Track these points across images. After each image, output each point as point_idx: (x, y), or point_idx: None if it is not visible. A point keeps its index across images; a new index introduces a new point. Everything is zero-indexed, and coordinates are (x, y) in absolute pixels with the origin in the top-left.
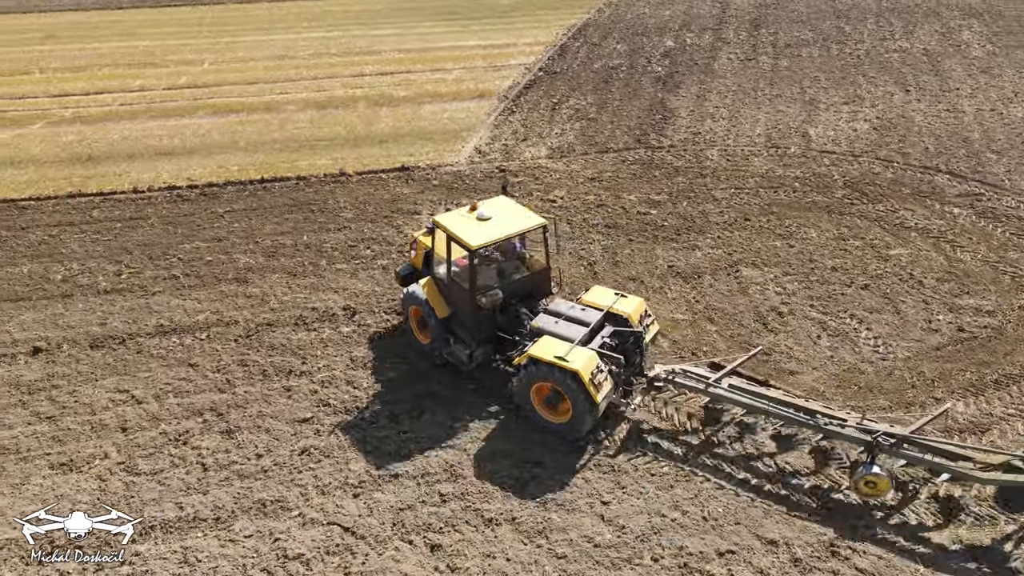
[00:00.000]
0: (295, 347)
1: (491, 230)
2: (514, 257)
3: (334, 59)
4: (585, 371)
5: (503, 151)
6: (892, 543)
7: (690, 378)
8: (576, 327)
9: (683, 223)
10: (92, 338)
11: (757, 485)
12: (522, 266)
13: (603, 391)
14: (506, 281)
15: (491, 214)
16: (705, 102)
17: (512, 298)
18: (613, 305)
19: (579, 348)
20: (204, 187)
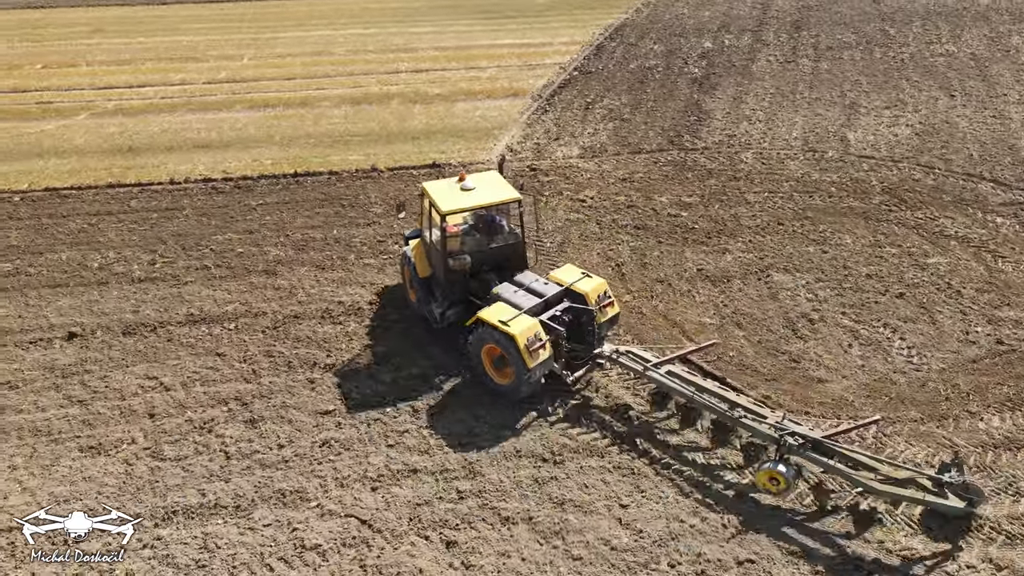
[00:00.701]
0: (320, 340)
1: (466, 199)
2: (492, 228)
3: (370, 56)
4: (521, 337)
5: (535, 150)
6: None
7: (634, 360)
8: (531, 297)
9: (714, 226)
10: (125, 325)
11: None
12: (497, 238)
13: (538, 359)
14: (478, 249)
15: (474, 185)
16: (741, 104)
17: (484, 266)
18: (574, 283)
19: (524, 316)
20: (238, 180)
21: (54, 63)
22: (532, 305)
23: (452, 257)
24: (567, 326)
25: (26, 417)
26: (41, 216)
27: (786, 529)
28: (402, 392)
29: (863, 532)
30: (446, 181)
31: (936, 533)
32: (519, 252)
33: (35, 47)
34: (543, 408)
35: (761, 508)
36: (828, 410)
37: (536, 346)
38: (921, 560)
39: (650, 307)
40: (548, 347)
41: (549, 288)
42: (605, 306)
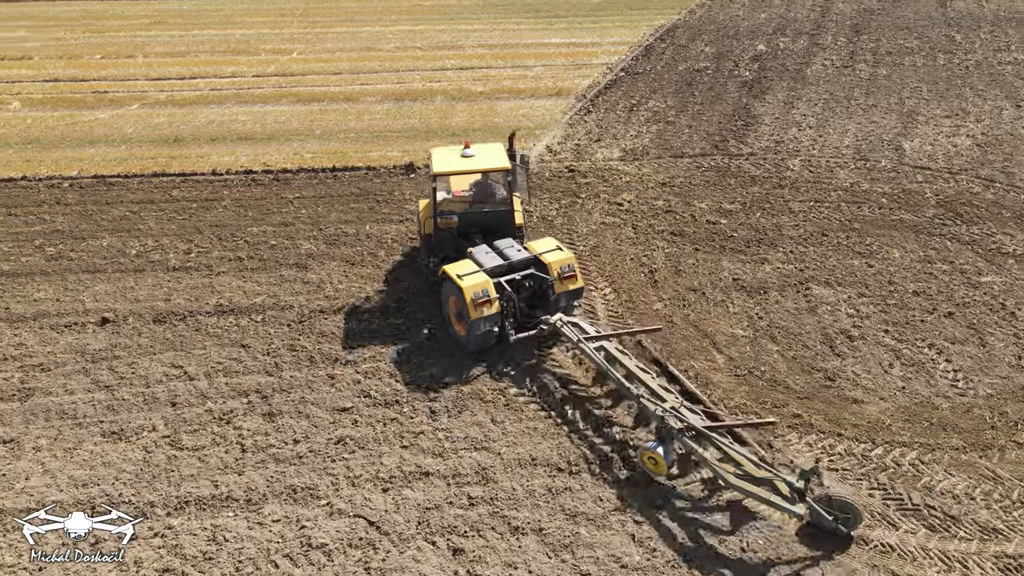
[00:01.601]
0: (344, 335)
1: (459, 163)
2: (484, 194)
3: (417, 52)
4: (469, 290)
5: (574, 151)
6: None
7: (574, 330)
8: (497, 260)
9: (754, 235)
10: (156, 313)
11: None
12: (488, 203)
13: (482, 313)
14: (468, 212)
15: (474, 153)
16: (792, 109)
17: (474, 227)
18: (541, 253)
19: (480, 273)
20: (278, 172)
21: (112, 53)
22: (494, 266)
23: (441, 215)
24: (530, 293)
25: (54, 400)
26: (87, 202)
27: (806, 552)
28: (421, 393)
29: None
30: (451, 148)
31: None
32: (507, 219)
33: (96, 38)
34: (495, 368)
35: (782, 533)
36: (862, 433)
37: (481, 300)
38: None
39: (681, 316)
40: (495, 305)
41: (519, 255)
42: (566, 278)
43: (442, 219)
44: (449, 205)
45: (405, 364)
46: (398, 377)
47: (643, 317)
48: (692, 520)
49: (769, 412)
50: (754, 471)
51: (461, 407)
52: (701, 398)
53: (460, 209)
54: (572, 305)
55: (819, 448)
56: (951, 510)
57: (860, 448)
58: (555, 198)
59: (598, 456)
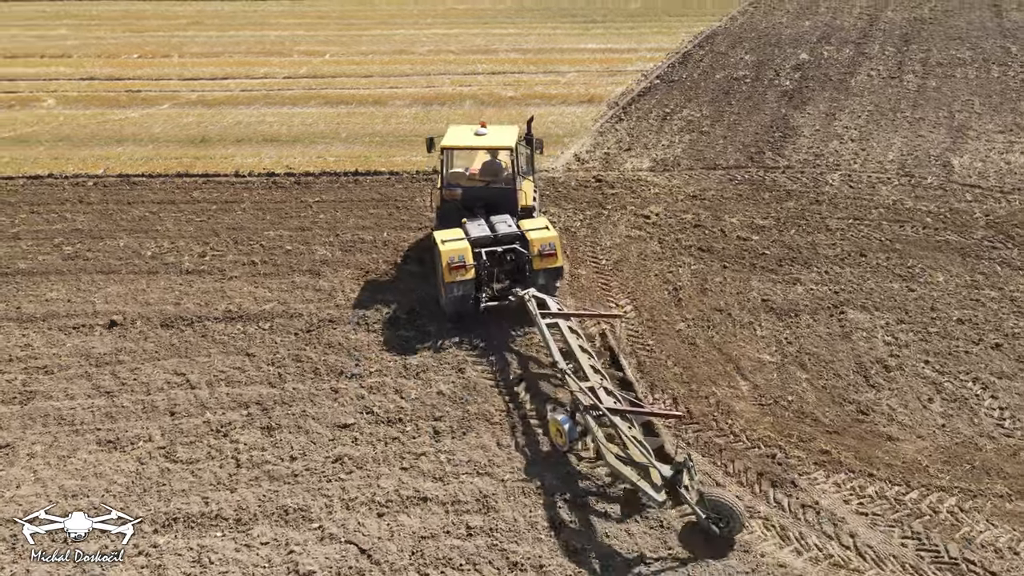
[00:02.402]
0: (352, 347)
1: (467, 140)
2: (490, 171)
3: (449, 56)
4: (445, 255)
5: (603, 160)
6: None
7: (534, 305)
8: (484, 231)
9: (787, 253)
10: (165, 317)
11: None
12: (494, 180)
13: (456, 277)
14: (472, 187)
15: (487, 132)
16: (834, 121)
17: (478, 202)
18: (527, 230)
19: (463, 241)
20: (300, 175)
21: (149, 53)
22: (478, 236)
23: (447, 187)
24: (511, 267)
25: (54, 404)
26: (109, 201)
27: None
28: (426, 411)
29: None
30: (469, 126)
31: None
32: (509, 197)
33: (135, 37)
34: (466, 340)
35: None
36: (897, 474)
37: (456, 265)
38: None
39: (704, 338)
40: (471, 272)
41: (508, 229)
42: (546, 256)
43: (447, 191)
44: (457, 179)
45: (412, 380)
46: (403, 393)
47: (664, 338)
48: (704, 564)
49: (795, 447)
50: (636, 456)
51: (466, 428)
52: (635, 388)
53: (466, 184)
54: (553, 284)
55: (848, 489)
56: (992, 565)
57: (893, 491)
58: (580, 209)
59: (607, 488)
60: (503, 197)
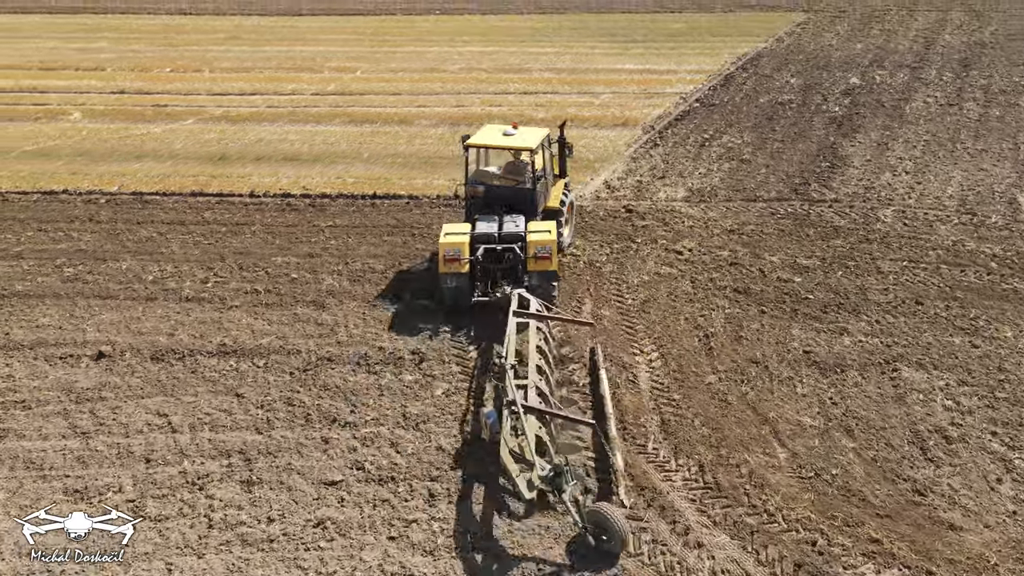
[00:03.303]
0: (349, 390)
1: (493, 139)
2: (512, 171)
3: (481, 75)
4: (443, 246)
5: (635, 188)
6: None
7: (516, 302)
8: (491, 228)
9: (833, 298)
10: (156, 349)
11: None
12: (517, 181)
13: (450, 269)
14: (494, 185)
15: (515, 134)
16: (887, 151)
17: (497, 200)
18: (530, 232)
19: (463, 235)
20: (316, 197)
21: (181, 67)
22: (481, 233)
23: (470, 184)
24: (509, 266)
25: (25, 444)
26: (118, 221)
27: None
28: (423, 469)
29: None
30: (501, 126)
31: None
32: (529, 198)
33: (172, 51)
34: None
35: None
36: (960, 572)
37: (451, 257)
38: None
39: (737, 394)
40: (465, 265)
41: (514, 229)
42: (540, 259)
43: (469, 187)
44: (483, 177)
45: (410, 432)
46: (400, 447)
47: (692, 392)
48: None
49: (840, 532)
50: (528, 454)
51: (465, 493)
52: (606, 404)
53: (491, 182)
54: (548, 287)
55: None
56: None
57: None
58: (607, 241)
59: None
60: (524, 198)
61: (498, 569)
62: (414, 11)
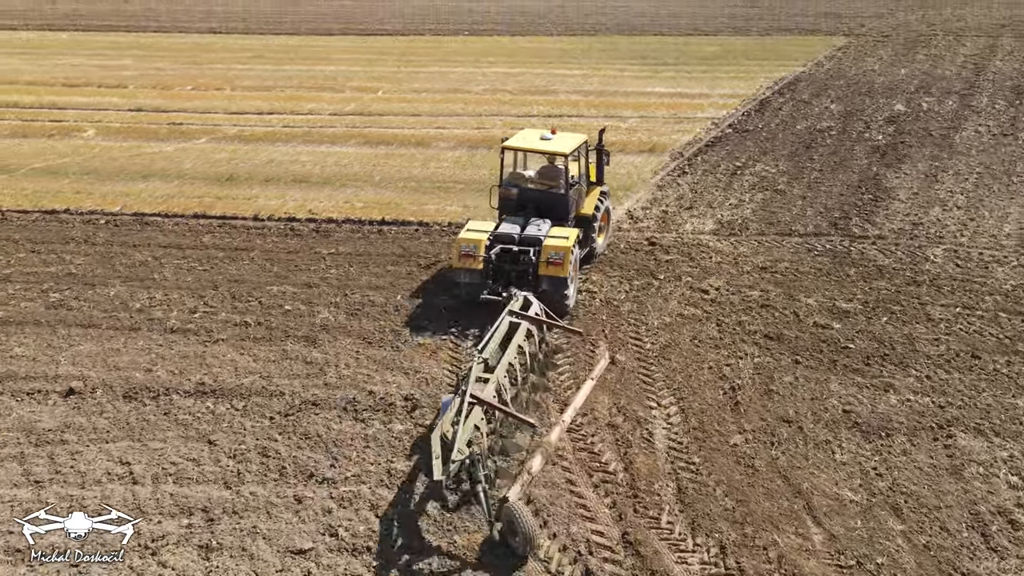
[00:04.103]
0: (332, 440)
1: (529, 143)
2: (546, 176)
3: (506, 96)
4: (458, 242)
5: (659, 219)
6: None
7: (519, 304)
8: (513, 229)
9: (877, 348)
10: (130, 386)
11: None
12: (549, 185)
13: (465, 264)
14: (526, 187)
15: (552, 138)
16: (935, 184)
17: (530, 203)
18: (548, 236)
19: (482, 233)
20: (321, 222)
21: (203, 85)
22: (500, 233)
23: (504, 186)
24: (525, 268)
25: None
26: (114, 243)
27: None
28: (405, 538)
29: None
30: (540, 130)
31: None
32: (561, 202)
33: (195, 69)
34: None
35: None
36: None
37: (465, 253)
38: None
39: (766, 458)
40: (479, 262)
41: (535, 233)
42: (552, 264)
43: (503, 190)
44: (517, 180)
45: (395, 492)
46: (380, 511)
47: (714, 455)
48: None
49: None
50: (460, 441)
51: (450, 570)
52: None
53: (523, 185)
54: (560, 293)
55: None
56: None
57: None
58: (627, 277)
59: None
60: (556, 202)
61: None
62: (442, 32)
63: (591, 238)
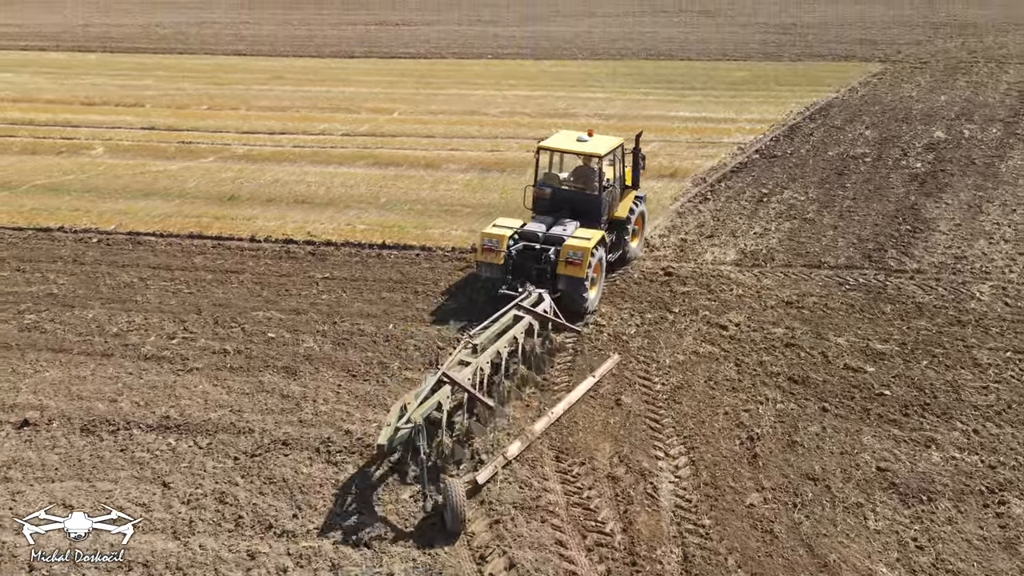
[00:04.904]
0: (298, 487)
1: (566, 144)
2: (580, 177)
3: (524, 119)
4: (483, 235)
5: (677, 248)
6: None
7: (531, 300)
8: (538, 229)
9: (916, 396)
10: (90, 419)
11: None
12: (583, 187)
13: (486, 258)
14: (559, 188)
15: (588, 140)
16: (980, 215)
17: (564, 204)
18: (571, 236)
19: (507, 229)
20: (319, 244)
21: (218, 105)
22: (525, 230)
23: (537, 186)
24: (546, 267)
25: None
26: (103, 263)
27: None
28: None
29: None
30: (577, 132)
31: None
32: (595, 204)
33: (214, 89)
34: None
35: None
36: None
37: (487, 247)
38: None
39: (788, 522)
40: (500, 256)
41: (561, 232)
42: (570, 263)
43: (537, 190)
44: (550, 180)
45: (359, 550)
46: (342, 571)
47: (727, 516)
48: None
49: None
50: (414, 412)
51: None
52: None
53: (557, 186)
54: (577, 293)
55: None
56: None
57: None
58: (638, 310)
59: None
60: (589, 204)
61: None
62: (465, 55)
63: (624, 241)
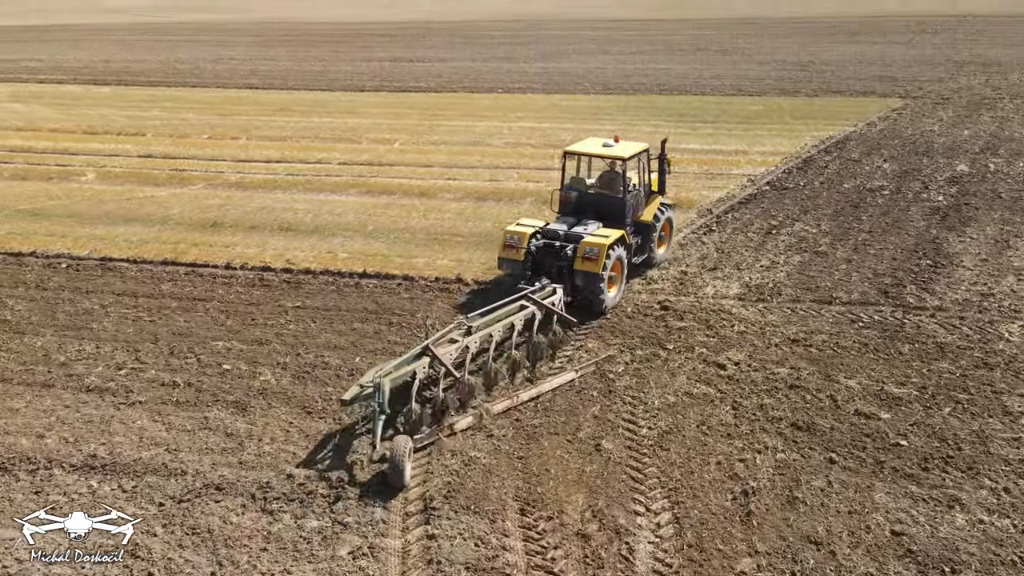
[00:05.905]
0: (225, 538)
1: (592, 148)
2: (605, 181)
3: (527, 150)
4: (506, 233)
5: (676, 280)
6: None
7: (544, 294)
8: (560, 228)
9: (938, 448)
10: (9, 456)
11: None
12: (607, 190)
13: (508, 254)
14: (585, 190)
15: (613, 145)
16: (1007, 250)
17: (588, 207)
18: (589, 233)
19: (529, 228)
20: (296, 272)
21: (219, 134)
22: (548, 229)
23: (564, 190)
24: (565, 264)
25: None
26: (67, 289)
27: None
28: None
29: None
30: (603, 138)
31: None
32: (619, 207)
33: (219, 119)
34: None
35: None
36: None
37: (509, 244)
38: None
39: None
40: (521, 253)
41: (580, 232)
42: (587, 259)
43: (563, 193)
44: (576, 184)
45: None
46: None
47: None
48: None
49: None
50: (382, 374)
51: None
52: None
53: (582, 189)
54: (593, 289)
55: None
56: None
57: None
58: (628, 346)
59: None
60: (612, 206)
61: None
62: (476, 89)
63: (650, 247)
